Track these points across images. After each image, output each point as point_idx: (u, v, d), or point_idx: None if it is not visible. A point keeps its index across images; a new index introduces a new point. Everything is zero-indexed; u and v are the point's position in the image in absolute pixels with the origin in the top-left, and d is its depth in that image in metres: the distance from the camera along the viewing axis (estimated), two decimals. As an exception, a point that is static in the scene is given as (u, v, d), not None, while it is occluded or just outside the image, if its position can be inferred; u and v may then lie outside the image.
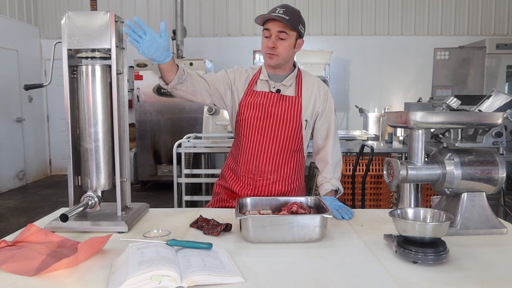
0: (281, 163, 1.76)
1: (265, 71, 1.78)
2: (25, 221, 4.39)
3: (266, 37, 1.67)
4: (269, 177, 1.76)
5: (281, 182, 1.77)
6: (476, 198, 1.37)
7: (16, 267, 1.05)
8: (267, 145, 1.74)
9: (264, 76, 1.77)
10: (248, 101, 1.75)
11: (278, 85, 1.76)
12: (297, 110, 1.73)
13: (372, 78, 6.92)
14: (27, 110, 6.67)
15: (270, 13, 1.64)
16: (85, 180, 1.44)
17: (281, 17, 1.60)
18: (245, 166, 1.77)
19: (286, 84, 1.76)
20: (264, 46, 1.69)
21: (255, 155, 1.75)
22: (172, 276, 0.95)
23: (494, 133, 3.00)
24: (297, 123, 1.73)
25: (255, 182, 1.77)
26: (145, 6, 7.00)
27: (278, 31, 1.64)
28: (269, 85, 1.76)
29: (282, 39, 1.65)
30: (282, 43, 1.66)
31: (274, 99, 1.73)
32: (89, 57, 1.43)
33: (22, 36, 6.64)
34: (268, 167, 1.75)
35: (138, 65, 5.85)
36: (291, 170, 1.79)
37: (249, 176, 1.77)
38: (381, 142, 4.57)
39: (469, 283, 0.99)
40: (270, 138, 1.74)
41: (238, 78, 1.79)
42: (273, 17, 1.61)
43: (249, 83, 1.78)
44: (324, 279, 1.01)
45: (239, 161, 1.79)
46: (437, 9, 6.83)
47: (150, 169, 6.05)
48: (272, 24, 1.65)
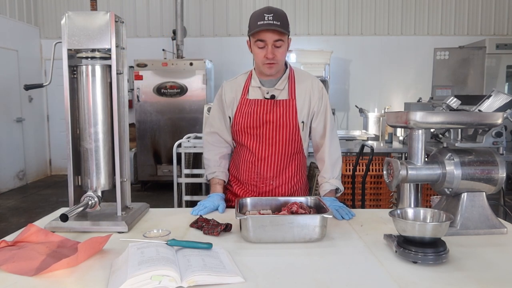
0: (283, 167, 1.76)
1: (256, 77, 1.75)
2: (25, 221, 4.39)
3: (260, 47, 1.63)
4: (272, 183, 1.76)
5: (284, 185, 1.78)
6: (476, 198, 1.37)
7: (16, 267, 1.05)
8: (267, 152, 1.74)
9: (255, 83, 1.75)
10: (242, 111, 1.74)
11: (271, 90, 1.73)
12: (292, 114, 1.71)
13: (372, 78, 6.92)
14: (27, 110, 6.67)
15: (261, 22, 1.58)
16: (85, 180, 1.44)
17: (275, 24, 1.57)
18: (247, 174, 1.78)
19: (279, 88, 1.74)
20: (261, 57, 1.65)
21: (256, 163, 1.75)
22: (172, 276, 0.95)
23: (494, 133, 3.00)
24: (294, 126, 1.72)
25: (259, 188, 1.77)
26: (145, 6, 7.01)
27: (275, 40, 1.61)
28: (262, 91, 1.74)
29: (278, 47, 1.63)
30: (279, 50, 1.64)
31: (268, 106, 1.71)
32: (89, 57, 1.43)
33: (22, 36, 6.64)
34: (269, 174, 1.75)
35: (138, 65, 5.85)
36: (293, 173, 1.79)
37: (251, 183, 1.78)
38: (381, 142, 4.57)
39: (469, 283, 0.99)
40: (269, 145, 1.73)
41: (229, 94, 1.79)
42: (271, 27, 1.57)
43: (242, 92, 1.77)
44: (324, 279, 1.01)
45: (240, 169, 1.80)
46: (437, 9, 6.84)
47: (150, 169, 6.05)
48: (266, 34, 1.60)
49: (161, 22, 7.01)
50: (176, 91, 5.89)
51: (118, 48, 1.41)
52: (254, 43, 1.64)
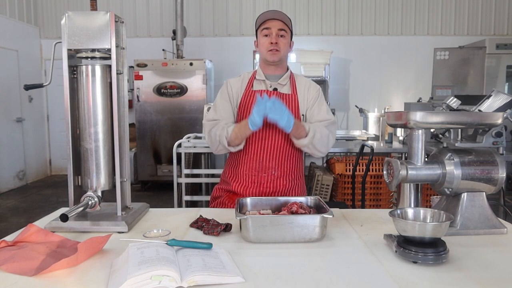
0: (284, 158, 1.80)
1: (261, 72, 1.85)
2: (25, 221, 4.39)
3: (266, 35, 1.76)
4: (273, 173, 1.79)
5: (285, 178, 1.81)
6: (476, 198, 1.37)
7: (16, 267, 1.05)
8: (270, 142, 1.78)
9: (260, 76, 1.84)
10: (247, 102, 1.81)
11: (275, 84, 1.83)
12: (295, 106, 1.81)
13: (372, 78, 6.92)
14: (27, 110, 6.67)
15: (267, 14, 1.77)
16: (85, 180, 1.44)
17: (282, 15, 1.76)
18: (248, 164, 1.80)
19: (282, 83, 1.83)
20: (265, 43, 1.77)
21: (259, 152, 1.79)
22: (172, 276, 0.95)
23: (494, 133, 2.99)
24: (296, 117, 1.74)
25: (260, 179, 1.79)
26: (145, 6, 7.00)
27: (279, 29, 1.75)
28: (266, 84, 1.83)
29: (282, 36, 1.76)
30: (282, 39, 1.77)
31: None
32: (89, 57, 1.43)
33: (22, 36, 6.64)
34: (272, 163, 1.79)
35: (138, 65, 5.85)
36: (293, 165, 1.83)
37: (253, 173, 1.80)
38: (381, 142, 4.57)
39: (469, 283, 0.99)
40: (272, 134, 1.77)
41: (234, 85, 1.86)
42: (276, 17, 1.75)
43: (247, 84, 1.85)
44: (324, 279, 1.02)
45: (241, 161, 1.82)
46: (437, 9, 6.84)
47: (150, 169, 6.05)
48: (272, 23, 1.75)
49: (161, 22, 7.01)
50: (176, 91, 5.89)
51: (118, 48, 1.41)
52: (261, 32, 1.78)
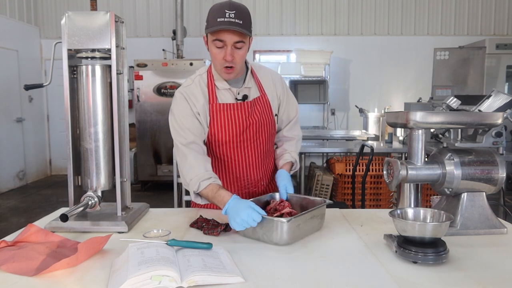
0: (268, 165, 1.74)
1: (220, 78, 1.58)
2: (25, 221, 4.39)
3: (219, 47, 1.46)
4: (263, 184, 1.73)
5: (272, 180, 1.75)
6: (476, 198, 1.37)
7: (16, 267, 1.05)
8: (252, 157, 1.66)
9: (223, 85, 1.58)
10: (218, 120, 1.57)
11: (241, 90, 1.60)
12: (268, 110, 1.65)
13: (372, 78, 6.92)
14: (27, 110, 6.67)
15: (221, 19, 1.41)
16: (85, 180, 1.44)
17: (237, 23, 1.40)
18: (236, 183, 1.68)
19: (248, 86, 1.62)
20: (219, 58, 1.47)
21: (244, 170, 1.67)
22: (172, 276, 0.95)
23: (494, 133, 2.99)
24: (272, 122, 1.68)
25: (250, 191, 1.71)
26: (145, 6, 7.00)
27: (235, 41, 1.44)
28: (233, 93, 1.59)
29: (239, 48, 1.46)
30: (239, 52, 1.47)
31: (245, 109, 1.59)
32: (89, 57, 1.43)
33: (22, 36, 6.64)
34: (259, 175, 1.70)
35: (138, 65, 5.85)
36: (273, 163, 1.79)
37: (242, 191, 1.70)
38: (381, 142, 4.57)
39: (469, 283, 0.99)
40: (252, 148, 1.64)
41: (196, 100, 1.57)
42: (232, 27, 1.40)
43: (209, 97, 1.57)
44: (324, 279, 1.02)
45: (227, 181, 1.68)
46: (437, 9, 6.84)
47: (150, 169, 6.05)
48: (226, 35, 1.42)
49: (161, 22, 7.01)
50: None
51: (118, 48, 1.41)
52: (212, 42, 1.47)
